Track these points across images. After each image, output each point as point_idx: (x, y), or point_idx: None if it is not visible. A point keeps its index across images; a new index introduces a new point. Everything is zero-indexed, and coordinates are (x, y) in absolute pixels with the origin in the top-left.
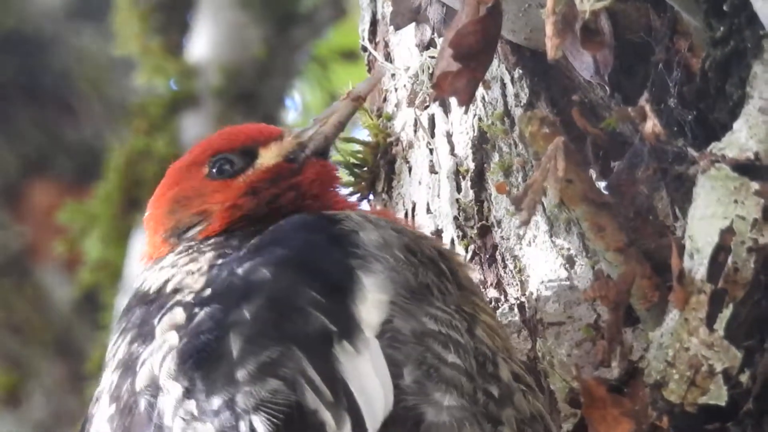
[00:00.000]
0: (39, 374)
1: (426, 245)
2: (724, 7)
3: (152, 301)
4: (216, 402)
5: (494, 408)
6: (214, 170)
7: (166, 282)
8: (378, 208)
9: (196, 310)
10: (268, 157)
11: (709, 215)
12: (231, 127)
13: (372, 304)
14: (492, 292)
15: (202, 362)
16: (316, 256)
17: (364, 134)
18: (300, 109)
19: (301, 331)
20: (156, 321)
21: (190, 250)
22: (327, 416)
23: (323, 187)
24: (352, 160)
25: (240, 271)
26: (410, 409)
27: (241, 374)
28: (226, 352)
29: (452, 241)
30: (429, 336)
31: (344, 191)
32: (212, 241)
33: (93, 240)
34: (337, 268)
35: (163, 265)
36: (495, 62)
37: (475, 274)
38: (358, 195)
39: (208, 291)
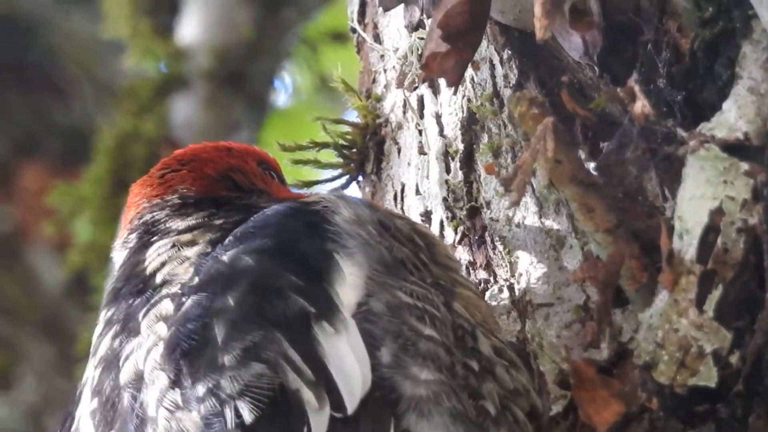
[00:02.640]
0: (29, 357)
1: (400, 222)
2: None
3: (140, 292)
4: (201, 389)
5: (474, 381)
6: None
7: (162, 266)
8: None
9: (184, 299)
10: None
11: (698, 196)
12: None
13: (349, 283)
14: (481, 274)
15: (189, 350)
16: (295, 242)
17: (353, 115)
18: (290, 90)
19: (282, 314)
20: (141, 316)
21: (201, 224)
22: (309, 395)
23: None
24: (341, 142)
25: (225, 258)
26: (387, 382)
27: (226, 359)
28: (212, 338)
29: (441, 223)
30: (405, 309)
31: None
32: (223, 214)
33: (83, 222)
34: (314, 252)
35: (179, 227)
36: (484, 43)
37: (453, 251)
38: (348, 177)
39: (196, 280)
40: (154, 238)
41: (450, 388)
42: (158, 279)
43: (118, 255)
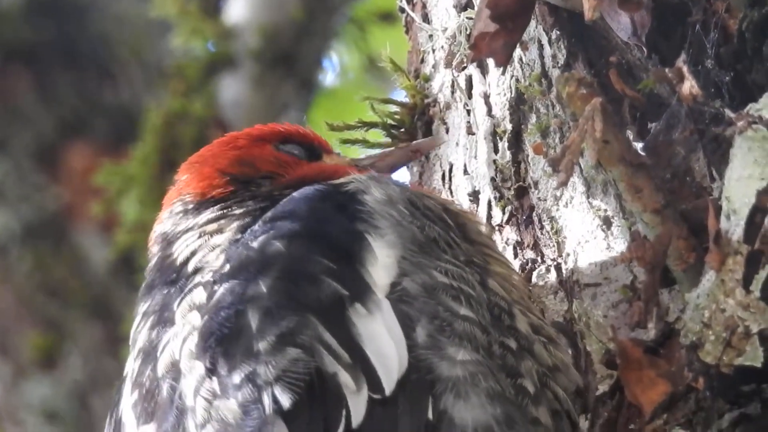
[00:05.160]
0: (75, 336)
1: (429, 201)
2: None
3: (173, 282)
4: (237, 377)
5: (512, 360)
6: (285, 149)
7: (192, 254)
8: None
9: (216, 287)
10: (332, 161)
11: (746, 176)
12: (297, 126)
13: (381, 264)
14: (529, 253)
15: (223, 338)
16: (324, 224)
17: (401, 95)
18: (338, 70)
19: (315, 298)
20: (176, 305)
21: (223, 215)
22: (346, 377)
23: None
24: (390, 121)
25: (255, 244)
26: (424, 364)
27: (261, 346)
28: (246, 325)
29: (489, 203)
30: (440, 289)
31: None
32: (248, 203)
33: (131, 201)
34: (344, 234)
35: (198, 222)
36: (532, 23)
37: (500, 231)
38: None
39: (227, 267)
40: (177, 236)
41: (487, 368)
42: (190, 267)
43: (148, 267)
